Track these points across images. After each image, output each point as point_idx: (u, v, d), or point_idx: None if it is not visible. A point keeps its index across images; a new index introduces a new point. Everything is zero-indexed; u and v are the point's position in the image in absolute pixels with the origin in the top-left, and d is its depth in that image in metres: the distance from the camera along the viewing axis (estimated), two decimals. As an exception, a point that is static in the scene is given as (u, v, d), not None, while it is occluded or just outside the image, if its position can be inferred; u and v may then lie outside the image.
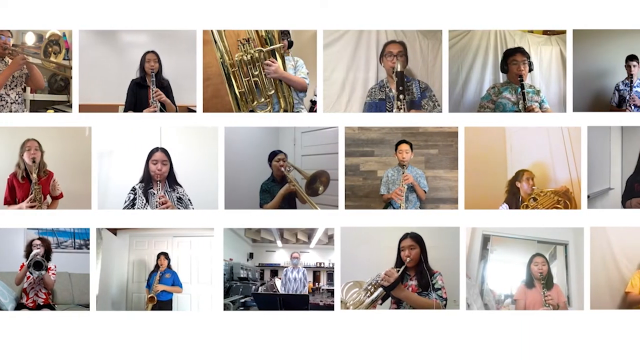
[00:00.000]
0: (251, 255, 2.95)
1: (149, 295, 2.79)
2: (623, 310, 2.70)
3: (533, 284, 2.70)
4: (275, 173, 2.91)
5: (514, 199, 2.78)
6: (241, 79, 2.74)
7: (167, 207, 2.67)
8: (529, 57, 2.88)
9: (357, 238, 2.68)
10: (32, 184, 2.72)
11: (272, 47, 2.73)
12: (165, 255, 2.83)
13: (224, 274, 2.72)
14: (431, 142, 2.88)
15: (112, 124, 2.72)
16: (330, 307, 2.67)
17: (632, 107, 2.89)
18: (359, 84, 2.90)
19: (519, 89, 2.84)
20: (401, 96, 2.75)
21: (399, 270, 2.50)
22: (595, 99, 2.90)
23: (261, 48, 2.72)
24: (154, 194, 2.71)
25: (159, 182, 2.72)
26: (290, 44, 2.86)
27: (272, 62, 2.75)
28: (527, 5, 2.66)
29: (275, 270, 3.00)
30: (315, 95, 2.81)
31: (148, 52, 2.78)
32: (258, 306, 2.78)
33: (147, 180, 2.76)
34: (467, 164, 2.71)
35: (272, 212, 2.72)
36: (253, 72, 2.75)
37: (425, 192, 2.91)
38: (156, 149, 2.76)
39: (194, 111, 2.70)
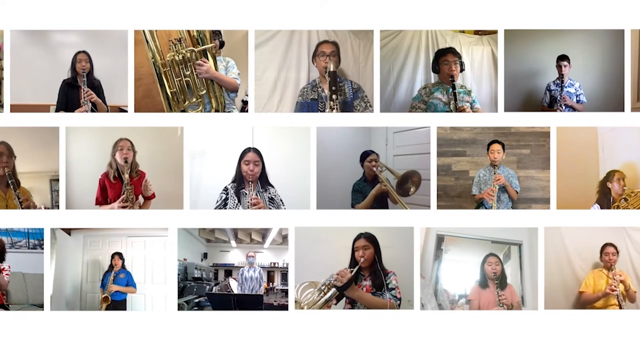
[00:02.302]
0: (205, 255, 2.94)
1: (103, 295, 2.77)
2: (577, 310, 2.72)
3: (487, 284, 2.71)
4: (367, 173, 2.92)
5: (605, 200, 2.77)
6: (172, 79, 2.73)
7: (259, 208, 2.69)
8: (460, 57, 2.89)
9: (311, 238, 2.68)
10: (124, 184, 2.73)
11: (203, 47, 2.73)
12: (120, 255, 2.82)
13: (178, 274, 2.71)
14: (523, 142, 2.85)
15: (204, 124, 2.74)
16: (284, 307, 2.67)
17: (563, 107, 2.90)
18: (291, 84, 2.89)
19: (450, 89, 2.85)
20: (334, 96, 2.75)
21: (352, 271, 2.50)
22: (526, 99, 2.91)
23: (193, 48, 2.72)
24: (246, 194, 2.73)
25: (250, 182, 2.74)
26: (222, 44, 2.86)
27: (204, 62, 2.75)
28: (459, 5, 2.66)
29: (229, 270, 2.99)
30: (247, 95, 2.79)
31: (79, 52, 2.77)
32: (212, 306, 2.78)
33: (239, 180, 2.77)
34: (559, 164, 2.73)
35: (227, 212, 2.71)
36: (184, 72, 2.74)
37: (517, 192, 2.88)
38: (248, 149, 2.77)
39: (126, 111, 2.69)
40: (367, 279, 2.58)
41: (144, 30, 2.64)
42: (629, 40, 2.71)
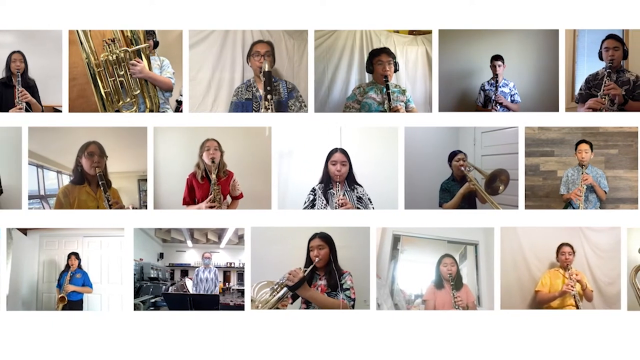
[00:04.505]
0: (161, 255, 2.93)
1: (60, 295, 2.77)
2: (533, 310, 2.73)
3: (442, 284, 2.71)
4: (455, 173, 2.92)
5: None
6: (107, 79, 2.72)
7: (347, 208, 2.69)
8: (394, 58, 2.90)
9: (267, 238, 2.69)
10: (212, 184, 2.74)
11: (137, 47, 2.73)
12: (76, 255, 2.81)
13: (134, 274, 2.72)
14: (611, 142, 2.84)
15: (292, 124, 2.74)
16: (240, 307, 2.66)
17: (498, 107, 2.91)
18: (225, 84, 2.90)
19: (384, 89, 2.85)
20: (268, 96, 2.75)
21: (305, 270, 2.50)
22: (461, 99, 2.92)
23: (126, 48, 2.72)
24: (334, 194, 2.73)
25: (338, 182, 2.74)
26: (156, 44, 2.86)
27: (138, 62, 2.75)
28: (393, 5, 2.66)
29: (185, 270, 2.99)
30: (181, 95, 2.79)
31: (14, 52, 2.76)
32: (168, 306, 2.77)
33: (327, 180, 2.78)
34: (645, 163, 2.74)
35: (182, 212, 2.72)
36: (118, 72, 2.74)
37: (606, 192, 2.86)
38: (335, 150, 2.77)
39: (60, 111, 2.68)
40: (322, 279, 2.59)
41: (77, 31, 2.63)
42: (563, 40, 2.72)
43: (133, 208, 2.75)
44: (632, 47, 2.78)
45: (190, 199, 2.78)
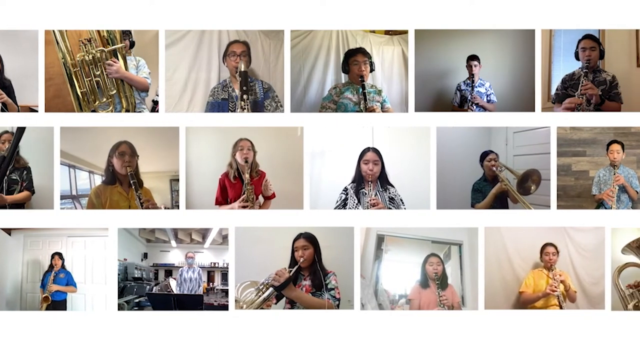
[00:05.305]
0: (145, 255, 2.93)
1: (43, 295, 2.76)
2: (517, 310, 2.73)
3: (428, 284, 2.71)
4: (486, 173, 2.92)
5: None
6: (83, 79, 2.72)
7: (378, 208, 2.69)
8: (370, 58, 2.90)
9: (251, 238, 2.68)
10: (244, 184, 2.74)
11: (113, 47, 2.73)
12: (60, 255, 2.81)
13: (118, 274, 2.71)
14: None
15: (324, 124, 2.74)
16: (224, 307, 2.66)
17: (474, 107, 2.92)
18: (201, 84, 2.90)
19: (360, 89, 2.86)
20: (245, 96, 2.75)
21: (290, 270, 2.50)
22: (437, 99, 2.94)
23: (103, 48, 2.72)
24: (366, 194, 2.73)
25: (370, 182, 2.74)
26: (132, 44, 2.86)
27: (114, 62, 2.75)
28: (369, 5, 2.66)
29: (169, 270, 2.99)
30: (157, 95, 2.80)
31: None
32: (152, 306, 2.78)
33: (359, 180, 2.78)
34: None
35: (166, 212, 2.72)
36: (95, 72, 2.74)
37: (638, 192, 2.85)
38: (368, 149, 2.77)
39: (36, 111, 2.67)
40: (307, 279, 2.58)
41: (54, 31, 2.63)
42: (539, 40, 2.72)
43: (165, 208, 2.76)
44: (609, 47, 2.79)
45: (223, 199, 2.79)
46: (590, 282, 2.75)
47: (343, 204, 2.74)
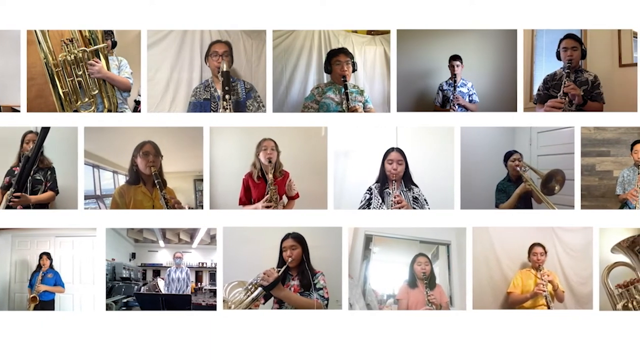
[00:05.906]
0: (133, 255, 2.93)
1: (31, 295, 2.76)
2: (505, 310, 2.73)
3: (416, 283, 2.72)
4: (510, 173, 2.92)
5: None
6: (65, 79, 2.72)
7: (403, 208, 2.69)
8: (352, 58, 2.91)
9: (239, 238, 2.68)
10: (268, 184, 2.73)
11: (95, 47, 2.74)
12: (48, 255, 2.81)
13: (106, 274, 2.70)
14: None
15: (348, 124, 2.74)
16: (212, 307, 2.66)
17: (456, 107, 2.92)
18: (183, 84, 2.91)
19: (343, 90, 2.86)
20: (227, 96, 2.75)
21: (279, 270, 2.50)
22: (419, 99, 2.95)
23: (85, 48, 2.72)
24: (390, 193, 2.73)
25: (394, 182, 2.74)
26: (114, 44, 2.86)
27: (96, 62, 2.75)
28: (351, 5, 2.66)
29: (157, 270, 2.99)
30: (139, 95, 2.79)
31: None
32: (140, 306, 2.77)
33: (383, 180, 2.78)
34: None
35: (154, 212, 2.70)
36: (77, 72, 2.74)
37: None
38: (392, 149, 2.78)
39: (18, 111, 2.67)
40: (295, 279, 2.59)
41: (36, 31, 2.63)
42: (521, 40, 2.72)
43: (189, 208, 2.75)
44: (591, 47, 2.80)
45: (247, 199, 2.79)
46: (578, 282, 2.75)
47: (367, 204, 2.75)
